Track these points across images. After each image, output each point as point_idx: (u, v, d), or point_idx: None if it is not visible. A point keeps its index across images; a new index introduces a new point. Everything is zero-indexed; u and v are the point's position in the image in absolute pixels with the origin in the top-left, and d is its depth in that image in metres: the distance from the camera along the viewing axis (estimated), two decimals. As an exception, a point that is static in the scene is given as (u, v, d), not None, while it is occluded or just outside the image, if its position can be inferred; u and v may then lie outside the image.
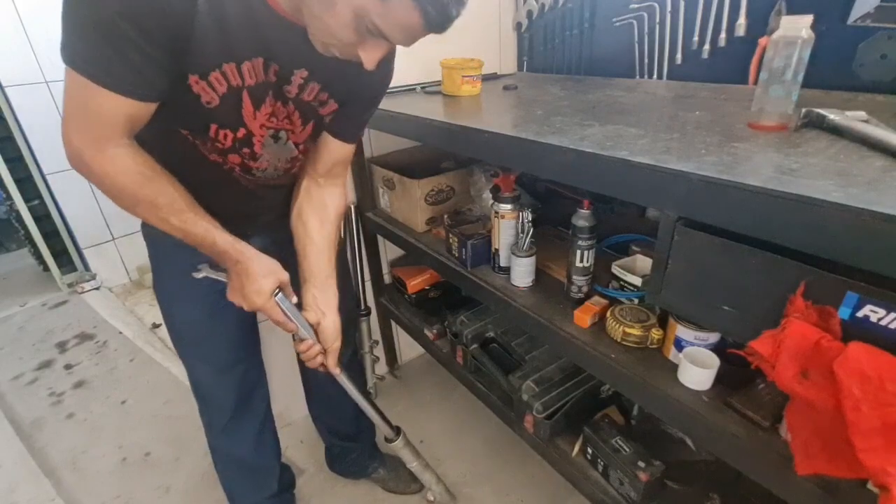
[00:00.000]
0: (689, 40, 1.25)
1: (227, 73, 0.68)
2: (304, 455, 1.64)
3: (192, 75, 0.66)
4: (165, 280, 1.02)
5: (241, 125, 0.76)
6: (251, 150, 0.81)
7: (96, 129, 0.65)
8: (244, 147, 0.79)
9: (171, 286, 1.02)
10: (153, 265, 1.03)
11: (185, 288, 0.98)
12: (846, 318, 0.54)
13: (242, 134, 0.77)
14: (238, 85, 0.70)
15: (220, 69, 0.67)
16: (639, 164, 0.68)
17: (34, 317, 2.40)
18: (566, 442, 1.16)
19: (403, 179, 1.37)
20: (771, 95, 0.75)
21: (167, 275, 1.01)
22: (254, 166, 0.84)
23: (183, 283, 0.97)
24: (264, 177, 0.88)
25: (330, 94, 0.82)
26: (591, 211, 0.93)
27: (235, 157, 0.80)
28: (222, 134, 0.76)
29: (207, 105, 0.70)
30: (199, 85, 0.67)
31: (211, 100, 0.70)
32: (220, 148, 0.78)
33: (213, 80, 0.68)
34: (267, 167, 0.86)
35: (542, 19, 1.63)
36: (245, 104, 0.73)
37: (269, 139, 0.81)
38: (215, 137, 0.76)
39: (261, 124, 0.78)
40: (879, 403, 0.49)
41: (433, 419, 1.76)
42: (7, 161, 2.24)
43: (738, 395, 0.74)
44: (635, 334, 0.86)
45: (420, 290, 1.67)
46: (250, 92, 0.72)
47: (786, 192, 0.53)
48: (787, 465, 0.63)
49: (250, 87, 0.72)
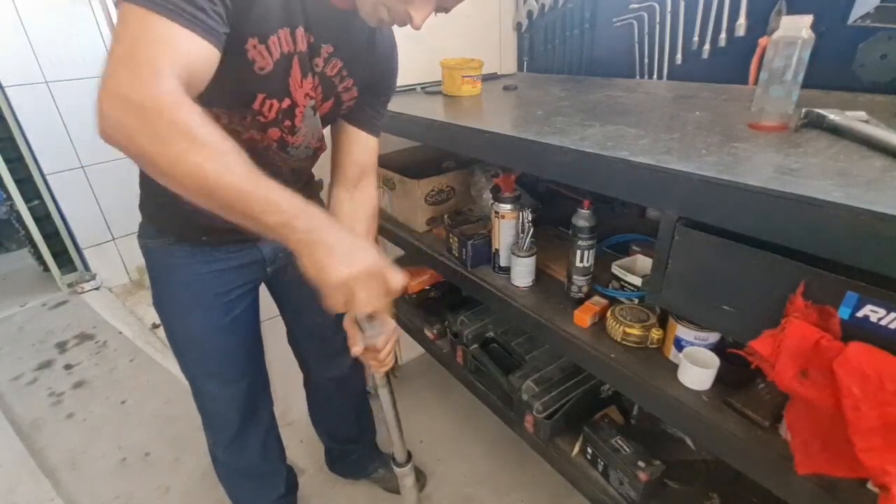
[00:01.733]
0: (690, 40, 1.25)
1: (281, 39, 0.68)
2: (304, 455, 1.64)
3: (251, 38, 0.64)
4: (169, 294, 0.98)
5: (287, 94, 0.75)
6: (292, 123, 0.80)
7: (153, 63, 0.53)
8: (286, 119, 0.79)
9: (176, 300, 0.97)
10: (153, 279, 0.98)
11: (192, 302, 0.96)
12: (846, 317, 0.54)
13: (287, 104, 0.76)
14: (290, 51, 0.70)
15: (276, 34, 0.66)
16: (639, 164, 0.68)
17: (34, 317, 2.40)
18: (566, 442, 1.16)
19: (404, 179, 1.37)
20: (771, 95, 0.75)
21: (171, 288, 0.97)
22: (291, 141, 0.83)
23: (189, 296, 0.95)
24: (296, 155, 0.87)
25: (349, 73, 0.82)
26: (591, 211, 0.93)
27: (276, 131, 0.79)
28: (268, 105, 0.74)
29: (260, 72, 0.69)
30: (257, 49, 0.66)
31: (265, 65, 0.68)
32: (262, 122, 0.76)
33: (271, 45, 0.67)
34: (302, 143, 0.85)
35: (542, 19, 1.63)
36: (294, 71, 0.73)
37: (309, 110, 0.81)
38: (259, 110, 0.74)
39: (305, 93, 0.78)
40: (879, 403, 0.50)
41: (433, 419, 1.76)
42: (7, 161, 2.25)
43: (738, 395, 0.74)
44: (635, 334, 0.86)
45: (420, 290, 1.67)
46: (300, 59, 0.72)
47: (786, 192, 0.53)
48: (787, 465, 0.63)
49: (300, 53, 0.72)
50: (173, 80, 0.53)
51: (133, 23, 0.53)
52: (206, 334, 1.00)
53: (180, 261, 0.93)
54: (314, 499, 1.50)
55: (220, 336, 1.01)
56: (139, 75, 0.52)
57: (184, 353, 1.04)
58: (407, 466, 1.13)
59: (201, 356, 1.03)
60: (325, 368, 1.27)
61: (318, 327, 1.17)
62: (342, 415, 1.39)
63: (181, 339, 1.02)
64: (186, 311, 0.98)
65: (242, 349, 1.06)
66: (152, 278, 0.98)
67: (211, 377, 1.05)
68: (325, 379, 1.29)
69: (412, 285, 1.66)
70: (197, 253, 0.93)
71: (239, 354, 1.06)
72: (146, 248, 0.95)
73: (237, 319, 1.00)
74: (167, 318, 1.00)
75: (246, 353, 1.07)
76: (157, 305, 1.01)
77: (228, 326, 1.00)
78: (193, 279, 0.94)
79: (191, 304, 0.96)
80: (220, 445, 1.15)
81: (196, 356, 1.03)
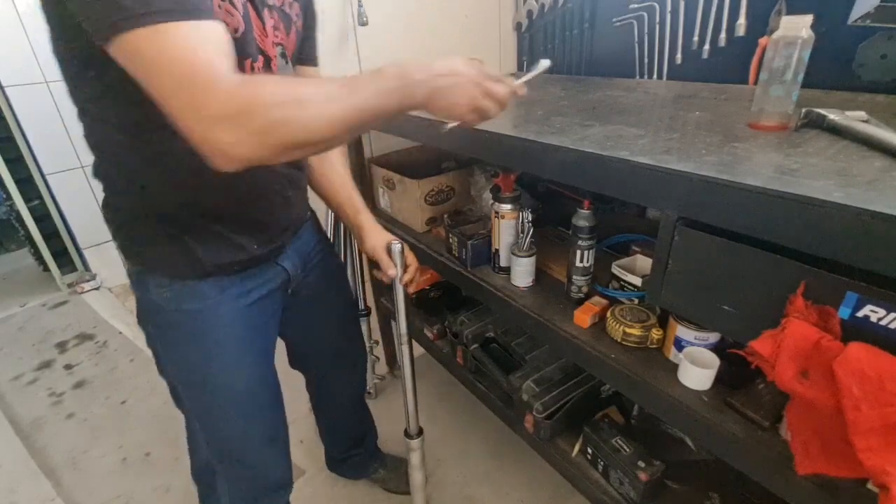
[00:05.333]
0: (689, 40, 1.25)
1: None
2: (303, 455, 1.64)
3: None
4: (206, 350, 0.79)
5: (259, 52, 0.68)
6: None
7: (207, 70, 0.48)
8: None
9: (218, 355, 0.80)
10: (171, 342, 0.79)
11: (239, 347, 0.80)
12: (846, 318, 0.54)
13: (262, 62, 0.69)
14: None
15: None
16: (639, 164, 0.68)
17: (34, 317, 2.40)
18: (566, 442, 1.16)
19: (403, 179, 1.37)
20: (771, 95, 0.75)
21: (206, 340, 0.79)
22: None
23: (235, 342, 0.80)
24: None
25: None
26: (591, 211, 0.93)
27: None
28: (249, 70, 0.67)
29: (235, 34, 0.61)
30: (222, 8, 0.58)
31: (238, 24, 0.61)
32: None
33: None
34: None
35: (542, 19, 1.63)
36: (254, 20, 0.65)
37: (280, 59, 0.73)
38: None
39: (272, 42, 0.70)
40: (879, 403, 0.49)
41: (433, 419, 1.76)
42: (7, 161, 2.25)
43: (738, 395, 0.74)
44: (635, 334, 0.86)
45: (420, 290, 1.67)
46: (253, 4, 0.65)
47: (786, 192, 0.53)
48: (787, 465, 0.63)
49: None
50: (230, 70, 0.50)
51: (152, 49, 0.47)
52: (258, 385, 0.86)
53: (213, 301, 0.76)
54: (314, 499, 1.50)
55: (270, 384, 0.88)
56: (210, 90, 0.47)
57: (223, 415, 0.85)
58: (416, 440, 1.14)
59: (248, 415, 0.86)
60: (338, 381, 1.22)
61: (333, 342, 1.12)
62: (348, 420, 1.38)
63: (221, 401, 0.83)
64: (234, 362, 0.81)
65: (279, 392, 0.93)
66: (169, 341, 0.79)
67: (259, 439, 0.90)
68: (336, 390, 1.24)
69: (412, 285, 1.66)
70: (228, 286, 0.78)
71: (279, 400, 0.92)
72: (154, 304, 0.76)
73: (271, 355, 0.89)
74: (201, 382, 0.81)
75: (278, 387, 0.94)
76: (182, 372, 0.82)
77: (271, 367, 0.88)
78: (235, 318, 0.79)
79: (238, 351, 0.81)
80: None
81: (242, 416, 0.86)
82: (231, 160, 0.50)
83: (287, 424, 0.99)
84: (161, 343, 0.81)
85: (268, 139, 0.50)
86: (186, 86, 0.47)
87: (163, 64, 0.47)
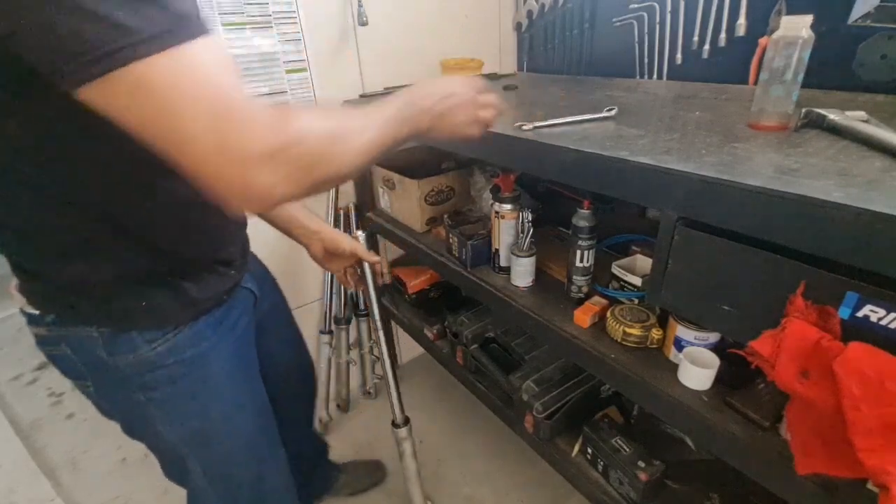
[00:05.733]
0: (690, 40, 1.25)
1: None
2: (304, 455, 1.64)
3: None
4: (202, 403, 0.73)
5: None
6: None
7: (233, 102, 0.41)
8: None
9: (217, 404, 0.75)
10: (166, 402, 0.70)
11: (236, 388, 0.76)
12: (846, 317, 0.54)
13: None
14: None
15: None
16: (639, 164, 0.68)
17: (34, 317, 2.40)
18: (566, 442, 1.16)
19: (403, 179, 1.37)
20: (771, 95, 0.75)
21: (205, 390, 0.73)
22: None
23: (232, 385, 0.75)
24: None
25: None
26: (591, 211, 0.93)
27: None
28: None
29: None
30: None
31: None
32: None
33: None
34: None
35: (542, 19, 1.63)
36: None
37: None
38: None
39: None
40: (879, 403, 0.49)
41: (433, 419, 1.76)
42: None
43: (738, 395, 0.74)
44: (635, 334, 0.86)
45: (420, 290, 1.67)
46: None
47: (786, 192, 0.53)
48: (787, 465, 0.63)
49: None
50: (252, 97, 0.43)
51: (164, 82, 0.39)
52: (266, 419, 0.84)
53: (212, 341, 0.71)
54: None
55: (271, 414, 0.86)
56: (247, 126, 0.42)
57: (241, 464, 0.81)
58: (404, 428, 1.14)
59: (263, 454, 0.84)
60: (294, 401, 1.14)
61: (288, 360, 1.09)
62: (307, 440, 1.32)
63: (239, 446, 0.80)
64: (247, 400, 0.79)
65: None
66: (170, 400, 0.70)
67: (277, 471, 0.89)
68: (293, 413, 1.14)
69: (412, 285, 1.66)
70: (222, 318, 0.74)
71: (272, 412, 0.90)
72: (143, 363, 0.66)
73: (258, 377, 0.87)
74: (216, 432, 0.76)
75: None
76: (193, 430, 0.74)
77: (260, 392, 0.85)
78: (233, 352, 0.75)
79: (246, 387, 0.79)
80: None
81: (255, 458, 0.83)
82: (267, 202, 0.45)
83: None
84: (159, 406, 0.70)
85: (307, 177, 0.47)
86: (218, 124, 0.40)
87: (183, 99, 0.39)
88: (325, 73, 1.42)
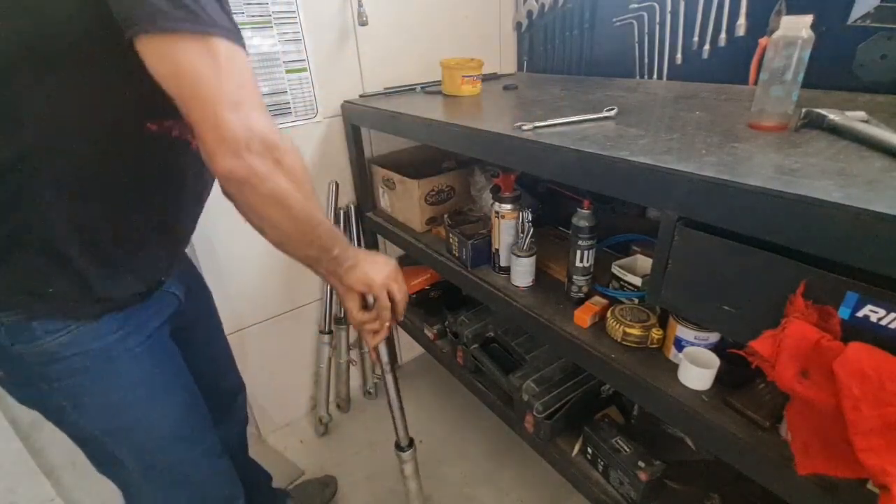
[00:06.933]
0: (690, 40, 1.25)
1: None
2: (304, 455, 1.64)
3: None
4: (120, 395, 0.74)
5: None
6: None
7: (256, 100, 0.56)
8: None
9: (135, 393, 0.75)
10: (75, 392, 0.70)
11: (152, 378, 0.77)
12: (846, 318, 0.54)
13: None
14: None
15: None
16: (639, 164, 0.68)
17: (34, 317, 2.40)
18: (566, 442, 1.16)
19: (403, 179, 1.37)
20: (771, 95, 0.75)
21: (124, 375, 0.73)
22: None
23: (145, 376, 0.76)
24: None
25: None
26: (591, 211, 0.93)
27: None
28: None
29: None
30: None
31: None
32: None
33: None
34: None
35: (542, 19, 1.63)
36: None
37: None
38: None
39: None
40: (879, 403, 0.49)
41: (433, 419, 1.76)
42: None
43: (738, 395, 0.74)
44: (635, 334, 0.86)
45: (420, 290, 1.67)
46: None
47: (786, 192, 0.53)
48: (787, 465, 0.63)
49: None
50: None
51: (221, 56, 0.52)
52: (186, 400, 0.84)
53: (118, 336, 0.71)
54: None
55: (196, 394, 0.86)
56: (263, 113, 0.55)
57: (172, 443, 0.82)
58: (408, 452, 1.13)
59: (187, 433, 0.84)
60: (225, 426, 1.05)
61: (216, 375, 1.05)
62: (245, 467, 1.23)
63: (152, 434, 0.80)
64: (152, 398, 0.78)
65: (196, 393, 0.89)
66: (79, 390, 0.70)
67: (205, 453, 0.89)
68: (230, 440, 1.09)
69: (412, 285, 1.66)
70: (133, 315, 0.74)
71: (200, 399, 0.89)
72: (46, 354, 0.66)
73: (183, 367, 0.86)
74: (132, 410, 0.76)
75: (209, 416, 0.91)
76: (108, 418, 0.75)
77: (186, 377, 0.86)
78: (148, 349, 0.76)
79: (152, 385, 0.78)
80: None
81: (182, 436, 0.84)
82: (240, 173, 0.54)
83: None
84: (68, 396, 0.70)
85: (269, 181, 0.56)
86: (249, 100, 0.53)
87: (232, 72, 0.52)
88: (325, 73, 1.42)
